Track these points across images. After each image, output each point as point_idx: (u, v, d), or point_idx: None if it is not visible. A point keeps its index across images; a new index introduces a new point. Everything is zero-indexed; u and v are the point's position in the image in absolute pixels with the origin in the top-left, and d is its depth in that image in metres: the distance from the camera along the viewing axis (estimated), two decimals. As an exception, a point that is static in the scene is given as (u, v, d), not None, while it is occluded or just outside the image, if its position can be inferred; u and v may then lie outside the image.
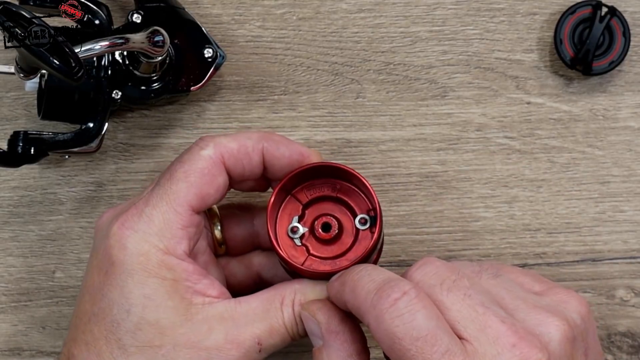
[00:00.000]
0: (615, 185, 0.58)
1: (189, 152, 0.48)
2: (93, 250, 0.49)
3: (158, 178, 0.49)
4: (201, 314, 0.46)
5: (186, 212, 0.47)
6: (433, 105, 0.58)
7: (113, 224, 0.47)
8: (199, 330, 0.46)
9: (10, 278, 0.58)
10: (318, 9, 0.58)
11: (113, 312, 0.46)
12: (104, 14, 0.53)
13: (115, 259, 0.46)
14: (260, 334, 0.46)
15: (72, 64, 0.44)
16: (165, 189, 0.47)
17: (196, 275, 0.47)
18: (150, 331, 0.45)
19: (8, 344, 0.58)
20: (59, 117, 0.53)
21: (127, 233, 0.46)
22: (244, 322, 0.46)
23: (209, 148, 0.48)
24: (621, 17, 0.57)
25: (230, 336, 0.46)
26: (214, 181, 0.48)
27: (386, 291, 0.42)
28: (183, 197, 0.47)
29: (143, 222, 0.46)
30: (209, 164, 0.48)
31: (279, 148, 0.49)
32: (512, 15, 0.58)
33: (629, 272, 0.58)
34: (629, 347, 0.58)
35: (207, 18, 0.57)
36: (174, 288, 0.46)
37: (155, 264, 0.46)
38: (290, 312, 0.47)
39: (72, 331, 0.48)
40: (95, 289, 0.47)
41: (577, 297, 0.46)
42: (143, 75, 0.54)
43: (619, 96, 0.58)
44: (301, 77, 0.58)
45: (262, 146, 0.49)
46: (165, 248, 0.46)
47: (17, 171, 0.58)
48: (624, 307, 0.58)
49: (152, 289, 0.46)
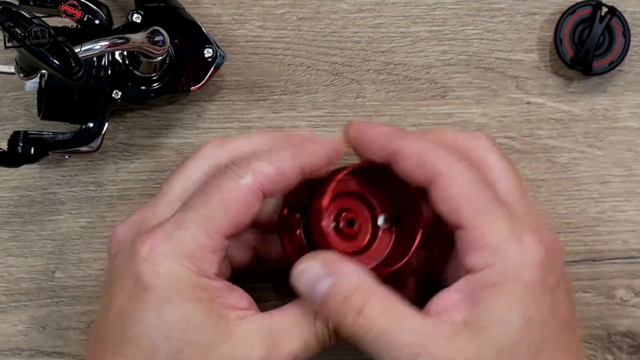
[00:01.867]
0: (615, 185, 0.58)
1: (225, 177, 0.47)
2: (116, 270, 0.48)
3: (190, 199, 0.48)
4: (240, 330, 0.46)
5: (219, 237, 0.46)
6: (433, 105, 0.58)
7: (140, 245, 0.46)
8: (241, 348, 0.46)
9: (10, 278, 0.58)
10: (318, 9, 0.58)
11: (151, 338, 0.45)
12: (104, 14, 0.53)
13: (148, 285, 0.45)
14: (296, 350, 0.47)
15: (72, 64, 0.44)
16: (200, 213, 0.46)
17: (227, 291, 0.47)
18: (191, 353, 0.45)
19: (8, 344, 0.58)
20: (59, 117, 0.53)
21: (159, 259, 0.46)
22: (282, 339, 0.46)
23: (248, 176, 0.47)
24: (621, 17, 0.57)
25: (271, 353, 0.46)
26: (250, 210, 0.47)
27: (457, 150, 0.46)
28: (219, 224, 0.46)
29: (174, 246, 0.46)
30: (247, 193, 0.47)
31: (315, 156, 0.49)
32: (512, 15, 0.58)
33: (629, 272, 0.58)
34: (629, 347, 0.58)
35: (207, 18, 0.57)
36: (210, 307, 0.46)
37: (190, 287, 0.46)
38: (323, 326, 0.47)
39: (97, 351, 0.48)
40: (125, 313, 0.46)
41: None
42: (143, 75, 0.54)
43: (619, 96, 0.58)
44: (301, 77, 0.58)
45: (299, 164, 0.48)
46: (198, 270, 0.46)
47: (17, 171, 0.58)
48: (624, 307, 0.58)
49: (190, 312, 0.45)
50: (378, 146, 0.48)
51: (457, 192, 0.45)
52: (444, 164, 0.46)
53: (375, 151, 0.48)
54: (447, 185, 0.46)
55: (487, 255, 0.45)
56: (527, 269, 0.45)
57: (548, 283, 0.45)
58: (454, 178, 0.46)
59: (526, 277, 0.44)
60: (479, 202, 0.45)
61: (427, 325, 0.45)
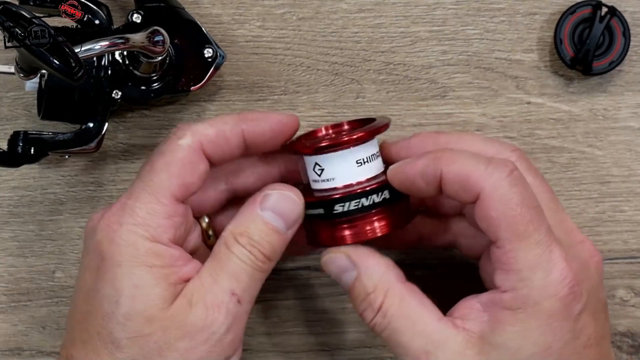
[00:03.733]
0: (615, 185, 0.58)
1: (167, 142, 0.49)
2: (84, 251, 0.49)
3: (139, 171, 0.49)
4: (180, 294, 0.47)
5: (170, 202, 0.47)
6: (433, 105, 0.58)
7: (98, 220, 0.48)
8: (181, 308, 0.46)
9: (10, 278, 0.58)
10: (318, 9, 0.58)
11: (104, 307, 0.46)
12: (104, 14, 0.53)
13: (105, 254, 0.47)
14: (228, 284, 0.47)
15: (72, 64, 0.44)
16: (146, 181, 0.48)
17: (182, 261, 0.48)
18: (139, 321, 0.46)
19: (8, 344, 0.58)
20: (59, 117, 0.53)
21: (114, 227, 0.47)
22: (212, 283, 0.47)
23: (187, 137, 0.48)
24: (621, 17, 0.57)
25: (209, 302, 0.46)
26: (195, 169, 0.48)
27: (500, 163, 0.46)
28: (166, 187, 0.47)
29: (128, 215, 0.47)
30: (188, 153, 0.48)
31: (259, 125, 0.50)
32: (512, 15, 0.58)
33: (629, 272, 0.58)
34: (629, 347, 0.58)
35: (207, 18, 0.57)
36: (161, 275, 0.46)
37: (143, 252, 0.46)
38: (239, 247, 0.48)
39: (69, 332, 0.49)
40: (88, 287, 0.47)
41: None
42: (143, 75, 0.54)
43: (619, 96, 0.58)
44: (301, 77, 0.58)
45: (241, 128, 0.49)
46: (151, 237, 0.47)
47: (17, 171, 0.58)
48: (624, 307, 0.58)
49: (141, 278, 0.46)
50: (424, 183, 0.48)
51: (497, 214, 0.46)
52: (487, 184, 0.46)
53: (423, 188, 0.48)
54: (488, 206, 0.46)
55: (514, 279, 0.45)
56: (550, 299, 0.45)
57: (573, 311, 0.45)
58: (495, 199, 0.46)
59: (547, 306, 0.45)
60: (517, 227, 0.45)
61: (440, 332, 0.46)
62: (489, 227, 0.46)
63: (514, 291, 0.45)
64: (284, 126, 0.50)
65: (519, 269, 0.45)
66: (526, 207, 0.45)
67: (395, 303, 0.47)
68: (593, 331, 0.46)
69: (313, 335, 0.59)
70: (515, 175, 0.46)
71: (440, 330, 0.46)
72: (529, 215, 0.46)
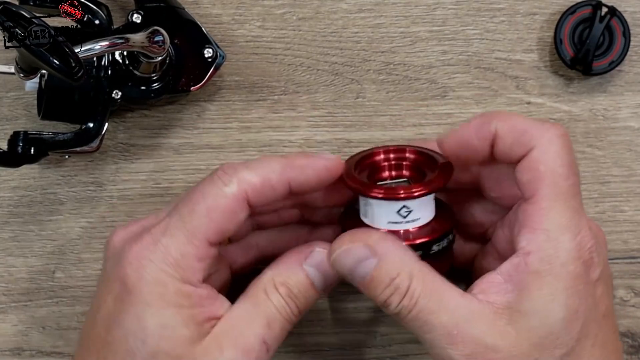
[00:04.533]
0: (615, 185, 0.58)
1: (211, 184, 0.47)
2: (106, 274, 0.48)
3: (176, 205, 0.48)
4: (211, 334, 0.46)
5: (204, 245, 0.46)
6: (433, 105, 0.58)
7: (127, 250, 0.47)
8: (211, 350, 0.46)
9: (10, 278, 0.58)
10: (318, 9, 0.58)
11: (129, 342, 0.45)
12: (104, 14, 0.53)
13: (131, 288, 0.46)
14: (262, 331, 0.46)
15: (72, 64, 0.44)
16: (185, 222, 0.46)
17: (210, 300, 0.47)
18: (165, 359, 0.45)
19: (8, 344, 0.58)
20: (59, 117, 0.53)
21: (144, 263, 0.46)
22: (245, 326, 0.47)
23: (233, 185, 0.47)
24: (621, 17, 0.57)
25: (240, 346, 0.46)
26: (235, 218, 0.47)
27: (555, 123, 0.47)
28: (203, 232, 0.46)
29: (159, 252, 0.46)
30: (232, 202, 0.47)
31: (305, 173, 0.48)
32: (512, 15, 0.58)
33: (629, 272, 0.58)
34: (629, 347, 0.58)
35: (207, 18, 0.57)
36: (189, 315, 0.46)
37: (173, 293, 0.46)
38: (277, 297, 0.47)
39: (83, 352, 0.48)
40: (110, 316, 0.46)
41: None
42: (143, 75, 0.54)
43: (619, 96, 0.58)
44: (301, 77, 0.58)
45: (287, 177, 0.48)
46: (182, 278, 0.46)
47: (17, 171, 0.58)
48: (624, 307, 0.58)
49: (169, 318, 0.45)
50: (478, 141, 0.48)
51: (545, 168, 0.46)
52: (544, 138, 0.46)
53: (478, 147, 0.48)
54: (538, 159, 0.46)
55: (541, 239, 0.45)
56: (576, 261, 0.45)
57: (592, 277, 0.46)
58: (549, 153, 0.46)
59: (572, 269, 0.45)
60: (560, 186, 0.46)
61: (466, 306, 0.45)
62: (531, 181, 0.46)
63: (541, 252, 0.45)
64: (330, 172, 0.49)
65: (548, 228, 0.45)
66: (572, 170, 0.46)
67: (420, 282, 0.46)
68: (607, 304, 0.47)
69: (313, 335, 0.59)
70: (568, 139, 0.46)
71: (466, 304, 0.45)
72: (572, 179, 0.46)
